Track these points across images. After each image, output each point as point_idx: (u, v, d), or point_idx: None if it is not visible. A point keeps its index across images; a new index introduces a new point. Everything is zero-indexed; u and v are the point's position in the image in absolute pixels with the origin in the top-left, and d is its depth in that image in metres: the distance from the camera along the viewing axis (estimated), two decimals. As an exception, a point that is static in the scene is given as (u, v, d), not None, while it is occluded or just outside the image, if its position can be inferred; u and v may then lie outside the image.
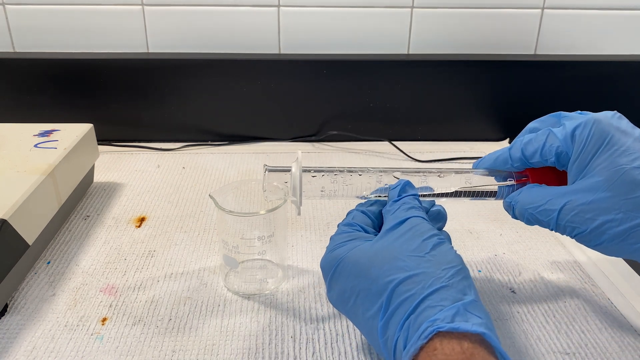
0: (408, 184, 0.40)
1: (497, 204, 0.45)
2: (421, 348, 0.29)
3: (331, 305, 0.42)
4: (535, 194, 0.40)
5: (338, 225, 0.40)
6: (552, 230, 0.39)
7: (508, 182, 0.43)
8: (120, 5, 0.75)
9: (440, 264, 0.32)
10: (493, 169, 0.44)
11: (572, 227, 0.37)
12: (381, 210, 0.40)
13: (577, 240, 0.38)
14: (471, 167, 0.45)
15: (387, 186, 0.41)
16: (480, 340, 0.29)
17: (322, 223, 0.58)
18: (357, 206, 0.41)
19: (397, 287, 0.32)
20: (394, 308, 0.31)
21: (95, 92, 0.76)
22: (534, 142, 0.41)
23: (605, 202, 0.36)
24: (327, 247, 0.38)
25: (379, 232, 0.39)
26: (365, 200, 0.42)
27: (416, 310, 0.30)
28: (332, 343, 0.41)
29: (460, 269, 0.33)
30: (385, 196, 0.42)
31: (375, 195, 0.42)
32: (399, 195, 0.39)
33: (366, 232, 0.38)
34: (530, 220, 0.40)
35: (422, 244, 0.34)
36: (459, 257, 0.34)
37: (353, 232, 0.38)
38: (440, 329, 0.29)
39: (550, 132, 0.40)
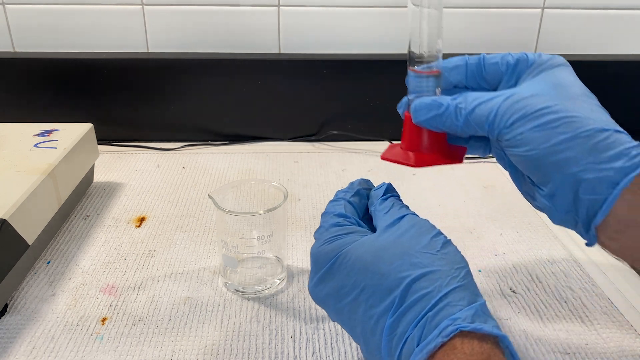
0: (390, 186, 0.40)
1: (500, 205, 0.45)
2: (440, 346, 0.29)
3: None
4: (474, 94, 0.37)
5: (326, 215, 0.38)
6: (487, 131, 0.35)
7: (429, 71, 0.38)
8: (120, 5, 0.75)
9: (453, 263, 0.32)
10: (446, 67, 0.40)
11: (509, 114, 0.34)
12: (362, 202, 0.40)
13: (505, 135, 0.35)
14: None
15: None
16: (496, 342, 0.29)
17: (322, 223, 0.58)
18: (338, 194, 0.40)
19: (412, 284, 0.31)
20: (409, 305, 0.31)
21: (95, 92, 0.76)
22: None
23: (547, 94, 0.35)
24: (318, 237, 0.37)
25: (363, 224, 0.38)
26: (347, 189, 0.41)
27: (434, 308, 0.30)
28: (332, 343, 0.41)
29: (468, 270, 0.33)
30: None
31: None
32: (383, 195, 0.39)
33: (360, 226, 0.37)
34: (467, 122, 0.36)
35: (432, 242, 0.33)
36: (464, 258, 0.34)
37: (349, 225, 0.37)
38: (463, 329, 0.29)
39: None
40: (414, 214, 0.36)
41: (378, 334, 0.32)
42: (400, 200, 0.39)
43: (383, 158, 0.40)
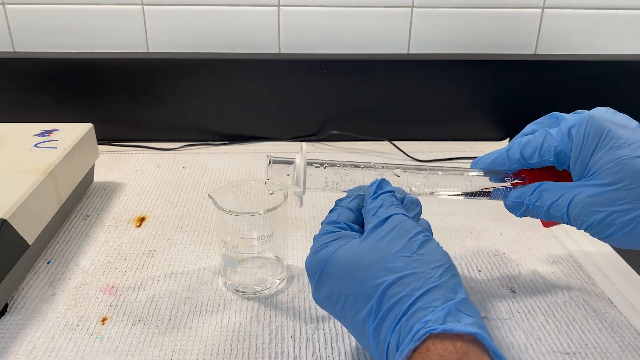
0: (383, 182, 0.40)
1: (498, 204, 0.45)
2: (414, 350, 0.29)
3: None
4: (547, 191, 0.41)
5: (322, 224, 0.39)
6: (567, 224, 0.40)
7: (506, 183, 0.44)
8: (120, 5, 0.75)
9: (430, 263, 0.32)
10: (490, 169, 0.44)
11: (581, 220, 0.38)
12: (361, 205, 0.40)
13: (589, 233, 0.39)
14: (469, 167, 0.45)
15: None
16: (473, 339, 0.29)
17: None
18: (337, 202, 0.41)
19: (387, 290, 0.31)
20: (385, 311, 0.31)
21: (95, 92, 0.76)
22: (532, 143, 0.42)
23: (609, 194, 0.37)
24: (311, 248, 0.37)
25: (362, 227, 0.39)
26: (345, 195, 0.41)
27: (407, 312, 0.30)
28: (332, 343, 0.41)
29: (448, 266, 0.33)
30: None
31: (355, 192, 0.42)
32: (375, 193, 0.39)
33: (351, 229, 0.38)
34: (547, 217, 0.41)
35: (409, 243, 0.33)
36: (446, 254, 0.34)
37: (338, 231, 0.37)
38: (433, 331, 0.29)
39: (547, 132, 0.41)
40: (400, 213, 0.36)
41: (366, 338, 0.32)
42: (393, 197, 0.38)
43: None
